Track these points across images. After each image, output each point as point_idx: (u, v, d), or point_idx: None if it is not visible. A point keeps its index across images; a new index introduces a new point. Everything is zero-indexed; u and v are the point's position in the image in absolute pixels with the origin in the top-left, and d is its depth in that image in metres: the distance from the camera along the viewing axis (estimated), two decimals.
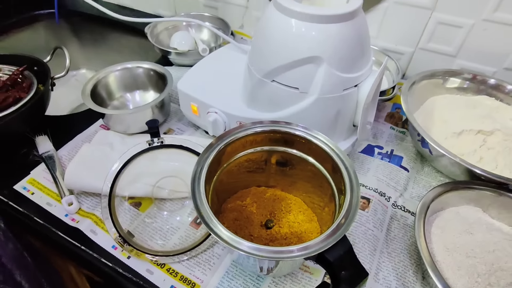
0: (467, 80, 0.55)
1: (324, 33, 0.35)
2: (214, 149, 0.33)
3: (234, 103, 0.46)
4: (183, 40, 0.66)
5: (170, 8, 0.84)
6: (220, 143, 0.33)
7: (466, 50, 0.60)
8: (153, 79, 0.59)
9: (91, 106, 0.49)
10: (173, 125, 0.57)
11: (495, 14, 0.54)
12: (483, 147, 0.48)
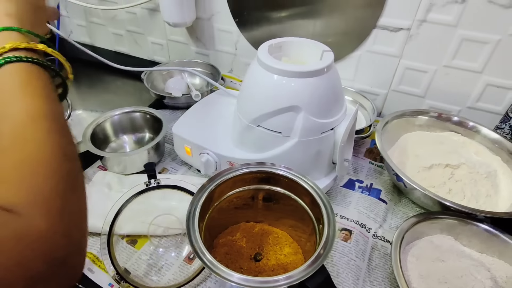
0: (434, 118, 0.61)
1: (302, 86, 0.41)
2: (206, 190, 0.36)
3: (224, 144, 0.51)
4: (177, 85, 0.72)
5: (164, 55, 0.91)
6: (211, 184, 0.37)
7: (433, 92, 0.67)
8: (149, 122, 0.63)
9: (92, 150, 0.53)
10: (168, 165, 0.61)
11: (454, 61, 0.61)
12: (451, 179, 0.53)
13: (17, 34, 0.29)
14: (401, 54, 0.64)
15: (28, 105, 0.25)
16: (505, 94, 0.61)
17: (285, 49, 0.47)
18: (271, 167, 0.39)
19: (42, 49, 0.29)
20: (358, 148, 0.65)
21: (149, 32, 0.89)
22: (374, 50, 0.66)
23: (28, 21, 0.31)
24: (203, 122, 0.56)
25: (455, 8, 0.56)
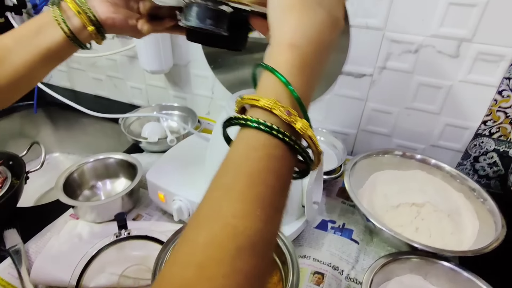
0: (399, 156, 0.64)
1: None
2: (172, 244, 0.37)
3: (197, 191, 0.51)
4: (154, 130, 0.74)
5: (143, 98, 0.93)
6: (176, 238, 0.37)
7: (399, 131, 0.71)
8: (124, 168, 0.64)
9: (64, 200, 0.53)
10: (142, 211, 0.60)
11: (414, 103, 0.66)
12: (417, 218, 0.55)
13: (283, 89, 0.22)
14: (366, 97, 0.69)
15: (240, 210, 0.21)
16: (463, 133, 0.65)
17: None
18: None
19: (300, 130, 0.22)
20: (331, 188, 0.67)
21: (128, 77, 0.92)
22: (342, 94, 0.71)
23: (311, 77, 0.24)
24: (177, 168, 0.57)
25: (410, 57, 0.61)
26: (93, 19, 0.38)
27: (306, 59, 0.23)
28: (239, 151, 0.23)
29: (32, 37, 0.37)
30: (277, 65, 0.22)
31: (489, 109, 0.60)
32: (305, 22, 0.23)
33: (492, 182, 0.68)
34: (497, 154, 0.64)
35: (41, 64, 0.39)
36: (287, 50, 0.23)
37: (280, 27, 0.23)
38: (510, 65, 0.55)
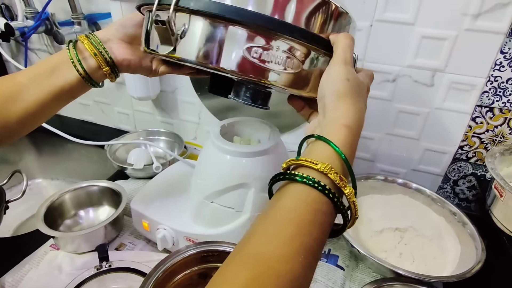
0: (381, 181, 0.65)
1: (251, 165, 0.44)
2: (152, 279, 0.36)
3: (181, 219, 0.51)
4: (140, 156, 0.73)
5: (130, 123, 0.93)
6: (157, 272, 0.37)
7: (381, 156, 0.72)
8: (108, 195, 0.63)
9: (44, 230, 0.51)
10: (126, 239, 0.59)
11: (394, 129, 0.68)
12: (401, 243, 0.56)
13: (336, 157, 0.26)
14: None
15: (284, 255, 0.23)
16: (442, 158, 0.67)
17: (237, 128, 0.51)
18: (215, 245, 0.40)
19: (347, 196, 0.26)
20: None
21: (115, 103, 0.92)
22: None
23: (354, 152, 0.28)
24: (162, 196, 0.57)
25: (388, 86, 0.64)
26: (108, 60, 0.39)
27: (354, 136, 0.28)
28: (288, 202, 0.25)
29: (46, 76, 0.38)
30: (333, 139, 0.27)
31: (465, 134, 0.63)
32: (354, 108, 0.29)
33: (472, 205, 0.70)
34: (475, 177, 0.67)
35: (53, 102, 0.39)
36: (343, 129, 0.28)
37: (335, 110, 0.29)
38: (481, 94, 0.58)
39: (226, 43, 0.30)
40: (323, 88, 0.31)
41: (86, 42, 0.38)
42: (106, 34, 0.40)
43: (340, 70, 0.30)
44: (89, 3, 0.78)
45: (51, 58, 0.39)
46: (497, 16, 0.52)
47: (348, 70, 0.30)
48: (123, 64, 0.41)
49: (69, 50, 0.38)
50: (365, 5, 0.58)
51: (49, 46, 0.90)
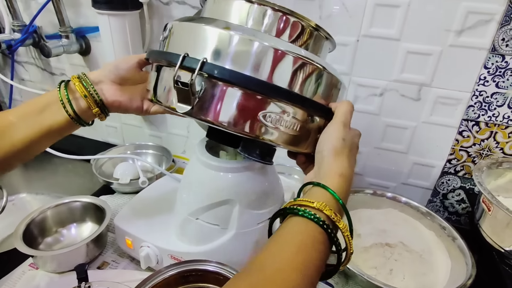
0: (369, 195, 0.65)
1: (236, 180, 0.43)
2: None
3: (166, 236, 0.50)
4: (127, 170, 0.72)
5: (119, 137, 0.92)
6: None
7: (370, 170, 0.72)
8: (91, 211, 0.61)
9: (22, 249, 0.49)
10: (109, 257, 0.57)
11: (382, 143, 0.68)
12: (391, 258, 0.55)
13: (332, 199, 0.30)
14: None
15: (283, 266, 0.27)
16: (430, 171, 0.67)
17: None
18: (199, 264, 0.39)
19: (341, 229, 0.30)
20: None
21: None
22: None
23: (348, 197, 0.33)
24: (147, 212, 0.55)
25: (376, 100, 0.64)
26: (98, 102, 0.40)
27: (348, 184, 0.33)
28: (289, 230, 0.29)
29: (36, 115, 0.39)
30: (329, 185, 0.31)
31: (452, 148, 0.63)
32: (347, 162, 0.34)
33: (462, 218, 0.69)
34: (464, 191, 0.67)
35: (41, 140, 0.40)
36: (338, 178, 0.32)
37: (331, 163, 0.33)
38: (467, 108, 0.59)
39: (241, 107, 0.33)
40: (322, 144, 0.35)
41: (77, 84, 0.40)
42: (98, 76, 0.41)
43: (339, 130, 0.35)
44: (77, 17, 0.77)
45: (42, 97, 0.40)
46: (479, 33, 0.53)
47: (345, 131, 0.35)
48: (114, 105, 0.42)
49: (60, 90, 0.39)
50: (352, 20, 0.59)
51: (36, 59, 0.89)
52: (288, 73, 0.33)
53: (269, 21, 0.36)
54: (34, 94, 0.94)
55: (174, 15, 0.69)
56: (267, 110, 0.33)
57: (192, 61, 0.32)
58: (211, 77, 0.32)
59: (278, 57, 0.32)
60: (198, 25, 0.34)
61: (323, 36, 0.39)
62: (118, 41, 0.67)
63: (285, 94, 0.33)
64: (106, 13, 0.64)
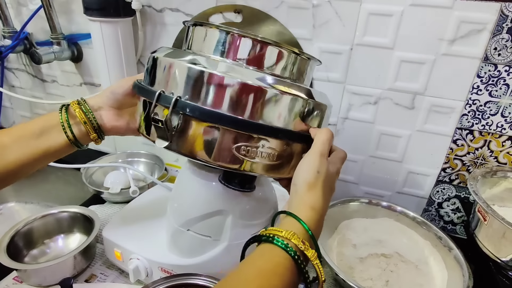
0: (365, 204, 0.64)
1: (229, 190, 0.42)
2: None
3: (156, 248, 0.48)
4: (117, 179, 0.70)
5: (110, 145, 0.91)
6: None
7: (365, 179, 0.71)
8: (79, 222, 0.59)
9: (5, 262, 0.47)
10: (97, 270, 0.55)
11: (377, 152, 0.68)
12: (386, 269, 0.54)
13: (302, 229, 0.31)
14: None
15: None
16: (425, 180, 0.67)
17: None
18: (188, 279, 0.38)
19: (310, 258, 0.30)
20: None
21: None
22: None
23: (319, 229, 0.34)
24: (137, 223, 0.54)
25: (370, 108, 0.64)
26: (96, 128, 0.42)
27: (320, 217, 0.34)
28: (255, 255, 0.30)
29: (32, 138, 0.40)
30: (300, 215, 0.32)
31: (447, 157, 0.63)
32: (321, 196, 0.34)
33: (458, 227, 0.69)
34: (459, 200, 0.66)
35: (34, 162, 0.41)
36: (309, 210, 0.33)
37: (304, 196, 0.34)
38: (461, 117, 0.59)
39: (215, 142, 0.34)
40: (297, 176, 0.35)
41: (77, 110, 0.41)
42: (97, 102, 0.43)
43: (314, 161, 0.34)
44: (69, 24, 0.77)
45: (39, 120, 0.41)
46: (472, 42, 0.53)
47: (321, 162, 0.35)
48: (112, 130, 0.44)
49: (61, 115, 0.41)
50: (345, 29, 0.59)
51: (27, 65, 0.88)
52: (261, 106, 0.33)
53: (246, 52, 0.36)
54: (24, 101, 0.93)
55: (167, 22, 0.69)
56: (241, 144, 0.34)
57: (167, 98, 0.33)
58: (185, 115, 0.33)
59: (249, 90, 0.33)
60: (174, 61, 0.35)
61: (305, 58, 0.39)
62: (110, 48, 0.66)
63: (257, 128, 0.33)
64: (98, 20, 0.63)
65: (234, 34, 0.35)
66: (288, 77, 0.38)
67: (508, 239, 0.48)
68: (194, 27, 0.38)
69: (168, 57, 0.36)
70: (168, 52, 0.37)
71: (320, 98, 0.38)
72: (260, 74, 0.34)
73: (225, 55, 0.36)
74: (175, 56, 0.36)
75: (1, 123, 1.01)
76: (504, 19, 0.50)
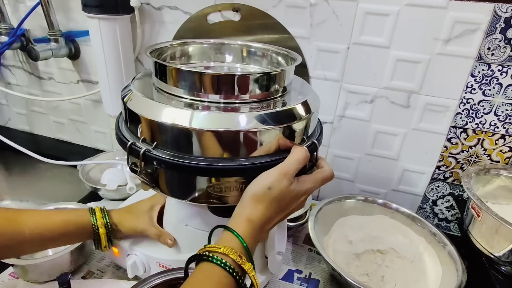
0: (361, 201, 0.65)
1: None
2: None
3: (154, 244, 0.48)
4: (114, 176, 0.70)
5: (107, 142, 0.90)
6: None
7: (361, 176, 0.72)
8: None
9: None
10: (94, 267, 0.55)
11: (373, 150, 0.68)
12: (382, 265, 0.54)
13: (238, 243, 0.32)
14: (329, 143, 0.71)
15: None
16: (420, 178, 0.68)
17: None
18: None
19: (247, 270, 0.32)
20: (297, 235, 0.66)
21: (92, 121, 0.89)
22: None
23: (255, 242, 0.35)
24: None
25: (366, 107, 0.65)
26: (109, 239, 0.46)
27: (256, 231, 0.34)
28: (196, 275, 0.31)
29: (54, 235, 0.42)
30: (237, 229, 0.33)
31: (441, 155, 0.64)
32: (264, 211, 0.34)
33: (452, 225, 0.70)
34: (453, 197, 0.67)
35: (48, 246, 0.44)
36: (245, 222, 0.34)
37: (244, 207, 0.34)
38: (455, 115, 0.60)
39: (189, 186, 0.36)
40: (248, 187, 0.35)
41: (102, 231, 0.45)
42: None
43: (269, 177, 0.34)
44: (67, 21, 0.76)
45: (67, 218, 0.44)
46: (466, 42, 0.54)
47: (277, 179, 0.34)
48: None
49: (95, 217, 0.45)
50: (342, 28, 0.59)
51: (24, 63, 0.88)
52: (234, 146, 0.34)
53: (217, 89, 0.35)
54: (20, 99, 0.92)
55: (165, 20, 0.69)
56: (213, 184, 0.35)
57: (137, 150, 0.35)
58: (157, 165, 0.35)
59: (225, 136, 0.34)
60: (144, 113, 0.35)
61: (279, 73, 0.38)
62: (108, 45, 0.66)
63: (223, 171, 0.34)
64: (97, 17, 0.63)
65: (203, 75, 0.35)
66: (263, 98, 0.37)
67: (501, 235, 0.49)
68: (157, 65, 0.38)
69: (139, 106, 0.36)
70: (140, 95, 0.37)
71: (299, 102, 0.38)
72: (233, 116, 0.34)
73: (195, 95, 0.36)
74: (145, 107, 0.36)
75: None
76: (497, 19, 0.51)
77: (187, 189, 0.37)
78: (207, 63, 0.50)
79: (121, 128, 0.39)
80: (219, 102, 0.36)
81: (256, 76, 0.36)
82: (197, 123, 0.33)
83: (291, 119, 0.36)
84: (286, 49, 0.46)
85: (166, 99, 0.36)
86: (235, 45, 0.50)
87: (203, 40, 0.50)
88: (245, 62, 0.50)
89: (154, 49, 0.42)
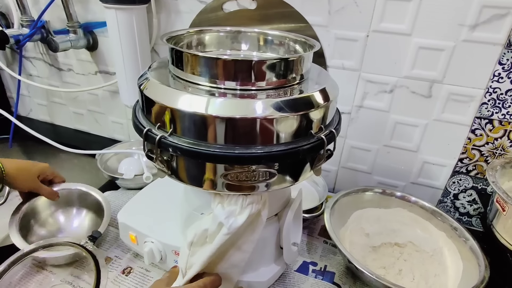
0: (378, 194, 0.63)
1: None
2: None
3: (171, 232, 0.49)
4: (131, 166, 0.71)
5: (124, 133, 0.92)
6: None
7: (379, 168, 0.71)
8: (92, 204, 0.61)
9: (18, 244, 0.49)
10: (111, 253, 0.57)
11: (392, 141, 0.66)
12: (400, 258, 0.53)
13: None
14: (346, 134, 0.69)
15: None
16: (441, 171, 0.65)
17: None
18: None
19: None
20: (312, 227, 0.65)
21: (109, 112, 0.91)
22: None
23: None
24: (151, 207, 0.54)
25: (385, 97, 0.63)
26: None
27: None
28: None
29: None
30: None
31: (464, 147, 0.61)
32: None
33: (474, 219, 0.67)
34: (476, 191, 0.65)
35: None
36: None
37: None
38: (480, 105, 0.57)
39: (202, 173, 0.36)
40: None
41: None
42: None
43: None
44: (85, 12, 0.77)
45: None
46: (494, 27, 0.51)
47: None
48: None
49: None
50: (362, 15, 0.57)
51: (44, 54, 0.89)
52: (251, 133, 0.33)
53: (234, 75, 0.35)
54: (41, 89, 0.95)
55: (181, 9, 0.68)
56: (229, 171, 0.35)
57: (153, 137, 0.34)
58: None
59: (244, 123, 0.33)
60: (162, 99, 0.35)
61: (297, 59, 0.37)
62: (125, 36, 0.67)
63: (238, 159, 0.34)
64: (114, 7, 0.63)
65: (219, 60, 0.34)
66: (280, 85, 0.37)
67: None
68: (173, 52, 0.37)
69: (156, 93, 0.36)
70: (157, 82, 0.36)
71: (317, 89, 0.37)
72: (249, 103, 0.33)
73: (212, 82, 0.35)
74: (162, 94, 0.35)
75: (19, 111, 1.03)
76: None
77: (203, 176, 0.36)
78: (223, 51, 0.49)
79: (138, 115, 0.39)
80: (235, 89, 0.35)
81: (273, 62, 0.35)
82: (213, 109, 0.33)
83: (309, 107, 0.35)
84: (304, 36, 0.45)
85: (182, 86, 0.36)
86: (251, 33, 0.49)
87: (220, 28, 0.49)
88: (261, 51, 0.49)
89: (171, 37, 0.42)
